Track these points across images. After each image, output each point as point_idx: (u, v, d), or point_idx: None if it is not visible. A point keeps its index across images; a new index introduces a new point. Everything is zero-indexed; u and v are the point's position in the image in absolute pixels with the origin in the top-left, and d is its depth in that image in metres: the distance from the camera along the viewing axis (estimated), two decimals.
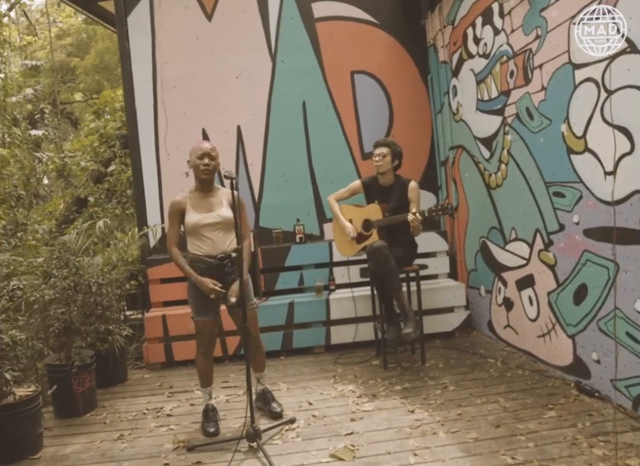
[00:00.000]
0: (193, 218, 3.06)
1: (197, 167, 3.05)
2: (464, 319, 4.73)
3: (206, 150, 3.06)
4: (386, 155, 3.96)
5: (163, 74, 5.02)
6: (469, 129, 4.60)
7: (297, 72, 5.13)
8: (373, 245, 3.80)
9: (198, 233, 3.08)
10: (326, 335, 4.58)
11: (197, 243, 3.10)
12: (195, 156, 3.07)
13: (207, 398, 3.28)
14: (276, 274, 4.81)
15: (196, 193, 3.15)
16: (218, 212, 3.09)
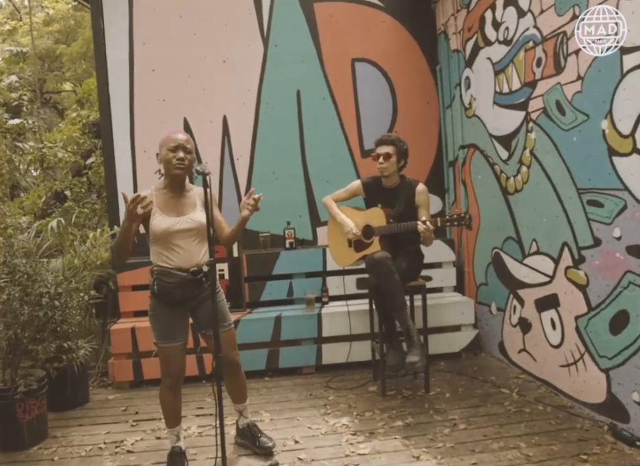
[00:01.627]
0: (162, 223, 2.53)
1: (169, 161, 2.53)
2: (472, 339, 4.22)
3: (180, 141, 2.54)
4: (391, 155, 3.44)
5: (141, 56, 4.47)
6: (483, 126, 4.08)
7: (292, 58, 4.60)
8: (374, 255, 3.27)
9: (167, 242, 2.55)
10: (317, 354, 4.06)
11: (164, 254, 2.57)
12: (166, 148, 2.54)
13: (173, 440, 2.74)
14: (262, 283, 4.29)
15: (165, 192, 2.62)
16: (192, 216, 2.58)
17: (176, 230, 2.54)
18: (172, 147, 2.53)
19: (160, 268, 2.57)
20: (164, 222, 2.53)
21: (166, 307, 2.59)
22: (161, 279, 2.56)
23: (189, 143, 2.58)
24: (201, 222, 2.56)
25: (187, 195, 2.64)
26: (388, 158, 3.43)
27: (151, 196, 2.59)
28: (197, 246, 2.59)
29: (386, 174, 3.47)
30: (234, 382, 2.83)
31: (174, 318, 2.60)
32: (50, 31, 14.82)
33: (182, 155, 2.51)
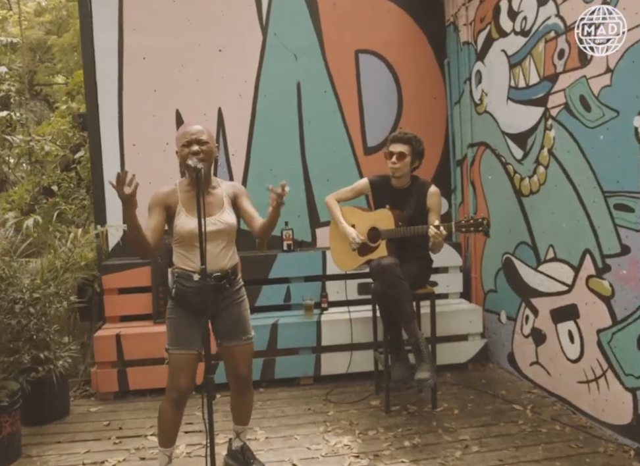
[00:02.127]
0: (187, 224, 2.30)
1: (185, 158, 2.29)
2: (480, 349, 3.97)
3: (192, 135, 2.30)
4: (406, 155, 3.18)
5: (131, 43, 4.18)
6: (495, 123, 3.83)
7: (292, 48, 4.33)
8: (381, 261, 3.02)
9: (192, 245, 2.32)
10: (316, 364, 3.80)
11: (187, 256, 2.35)
12: (180, 144, 2.32)
13: (164, 462, 2.45)
14: (257, 287, 4.02)
15: (189, 189, 2.38)
16: (220, 218, 2.36)
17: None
18: (185, 142, 2.30)
19: (182, 271, 2.36)
20: (190, 224, 2.29)
21: (185, 312, 2.36)
22: (181, 283, 2.34)
23: (203, 134, 2.33)
24: (230, 223, 2.38)
25: (214, 193, 2.41)
26: (402, 159, 3.17)
27: (175, 193, 2.37)
28: (223, 250, 2.37)
29: (398, 175, 3.22)
30: (240, 401, 2.60)
31: (192, 325, 2.34)
32: (41, 22, 14.45)
33: (196, 148, 2.27)
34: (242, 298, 2.49)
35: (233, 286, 2.43)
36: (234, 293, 2.44)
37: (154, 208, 2.33)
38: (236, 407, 2.61)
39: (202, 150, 2.28)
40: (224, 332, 2.44)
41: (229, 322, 2.42)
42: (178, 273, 2.37)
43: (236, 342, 2.43)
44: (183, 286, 2.34)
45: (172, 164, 3.00)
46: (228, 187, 2.47)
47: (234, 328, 2.43)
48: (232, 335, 2.43)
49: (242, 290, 2.50)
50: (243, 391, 2.55)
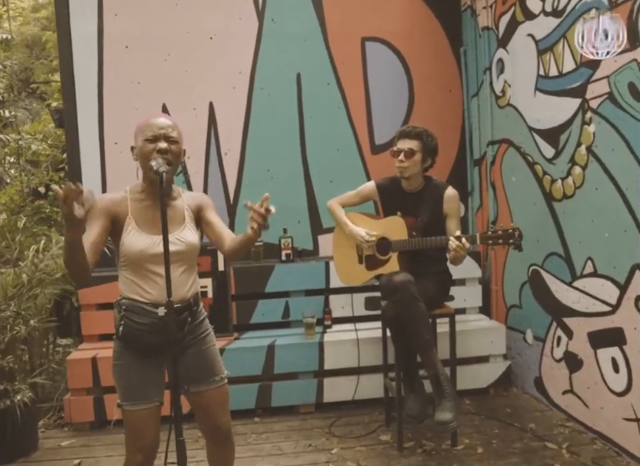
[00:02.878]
0: (136, 242, 1.83)
1: (147, 156, 1.80)
2: (502, 373, 3.53)
3: (160, 129, 1.81)
4: (415, 152, 2.76)
5: (112, 30, 3.75)
6: (521, 118, 3.39)
7: (292, 36, 3.89)
8: (392, 278, 2.59)
9: (142, 268, 1.85)
10: (318, 390, 3.37)
11: (138, 283, 1.86)
12: (142, 138, 1.82)
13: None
14: (253, 302, 3.60)
15: (143, 198, 1.90)
16: (179, 235, 1.88)
17: (156, 253, 1.81)
18: (150, 136, 1.80)
19: (131, 302, 1.86)
20: (140, 242, 1.82)
21: (137, 355, 1.88)
22: (130, 318, 1.85)
23: (175, 129, 1.85)
24: (192, 243, 1.90)
25: (174, 205, 1.93)
26: (410, 156, 2.74)
27: (125, 201, 1.89)
28: (183, 275, 1.89)
29: (407, 174, 2.79)
30: (219, 455, 2.10)
31: (148, 370, 1.88)
32: (37, 18, 14.05)
33: (164, 146, 1.79)
34: (207, 332, 2.02)
35: (195, 319, 1.96)
36: (197, 327, 1.97)
37: (96, 217, 1.82)
38: (214, 461, 2.12)
39: (171, 150, 1.81)
40: (191, 376, 1.94)
41: (195, 363, 1.95)
42: (126, 305, 1.86)
43: (206, 387, 1.96)
44: (133, 322, 1.84)
45: None
46: (190, 198, 1.99)
47: (202, 369, 1.97)
48: (201, 378, 1.95)
49: (206, 322, 2.04)
50: (221, 444, 2.06)
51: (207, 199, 2.05)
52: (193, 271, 1.96)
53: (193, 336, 1.95)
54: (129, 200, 1.89)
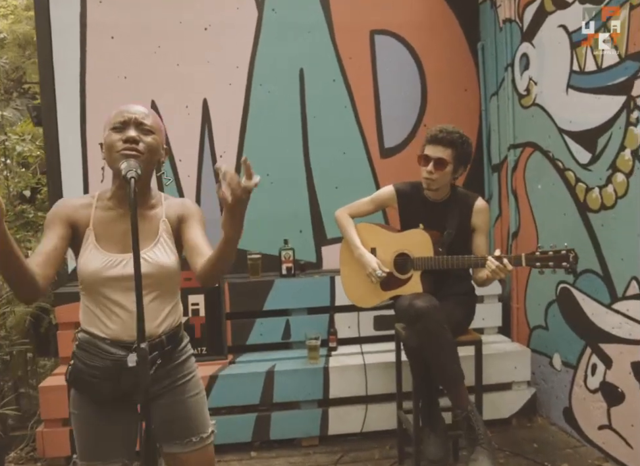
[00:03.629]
0: (92, 261, 1.46)
1: (111, 149, 1.44)
2: (527, 401, 3.19)
3: (131, 113, 1.46)
4: (447, 162, 2.40)
5: (96, 18, 3.39)
6: (549, 119, 3.05)
7: (295, 27, 3.54)
8: (415, 302, 2.24)
9: (98, 294, 1.48)
10: (322, 421, 3.01)
11: (96, 313, 1.49)
12: (110, 127, 1.47)
13: None
14: (249, 320, 3.24)
15: (111, 206, 1.54)
16: (146, 254, 1.49)
17: (113, 277, 1.46)
18: (118, 123, 1.44)
19: (87, 338, 1.49)
20: (96, 260, 1.46)
21: (95, 405, 1.51)
22: (80, 358, 1.48)
23: (149, 118, 1.49)
24: (162, 264, 1.50)
25: (149, 215, 1.56)
26: (440, 168, 2.39)
27: (89, 208, 1.52)
28: (152, 304, 1.50)
29: (434, 187, 2.45)
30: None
31: (108, 424, 1.51)
32: (29, 17, 13.69)
33: (133, 135, 1.43)
34: (189, 377, 1.61)
35: (172, 361, 1.57)
36: (174, 371, 1.58)
37: (53, 226, 1.48)
38: None
39: (142, 140, 1.44)
40: (163, 432, 1.57)
41: (169, 416, 1.56)
42: (81, 340, 1.50)
43: (181, 449, 1.56)
44: (82, 364, 1.47)
45: None
46: (172, 206, 1.60)
47: (178, 426, 1.57)
48: (176, 437, 1.57)
49: (189, 364, 1.63)
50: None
51: (191, 207, 1.63)
52: (168, 300, 1.55)
53: (170, 382, 1.57)
54: (94, 208, 1.52)
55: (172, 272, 1.53)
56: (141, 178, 1.37)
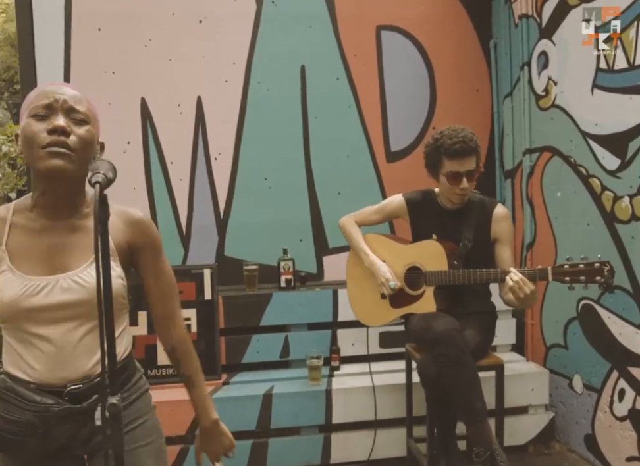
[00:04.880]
0: (8, 289, 1.17)
1: (32, 141, 1.13)
2: (544, 426, 2.95)
3: (59, 96, 1.16)
4: (475, 170, 2.19)
5: (82, 8, 3.14)
6: (571, 121, 2.83)
7: (296, 21, 3.31)
8: (433, 325, 2.01)
9: (18, 329, 1.19)
10: (324, 448, 2.76)
11: (18, 351, 1.20)
12: (30, 113, 1.17)
13: None
14: (245, 337, 2.99)
15: (33, 218, 1.23)
16: (77, 276, 1.20)
17: (36, 307, 1.16)
18: (43, 107, 1.15)
19: (10, 383, 1.20)
20: (13, 288, 1.16)
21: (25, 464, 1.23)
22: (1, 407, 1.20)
23: (82, 103, 1.19)
24: (92, 289, 1.13)
25: (81, 226, 1.25)
26: (473, 179, 2.19)
27: (3, 222, 1.21)
28: (86, 339, 1.21)
29: (466, 199, 2.22)
30: None
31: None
32: None
33: (60, 124, 1.13)
34: (140, 419, 1.31)
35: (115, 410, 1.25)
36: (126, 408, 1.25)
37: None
38: None
39: (75, 133, 1.15)
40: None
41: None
42: (2, 383, 1.21)
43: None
44: (4, 414, 1.19)
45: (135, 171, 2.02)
46: (117, 219, 1.27)
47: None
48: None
49: (142, 403, 1.33)
50: None
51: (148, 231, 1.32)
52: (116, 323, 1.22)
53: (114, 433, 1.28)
54: (8, 222, 1.21)
55: (116, 297, 1.19)
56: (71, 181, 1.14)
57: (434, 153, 2.19)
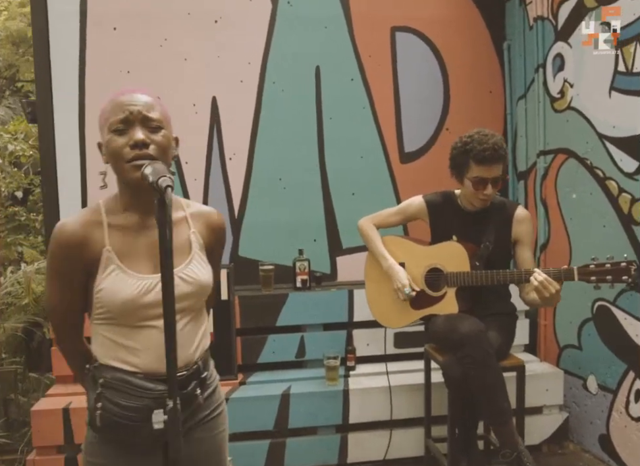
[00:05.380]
0: (122, 289, 1.22)
1: (118, 155, 1.19)
2: (559, 426, 2.97)
3: (132, 105, 1.20)
4: (501, 176, 2.20)
5: (98, 8, 3.14)
6: (587, 123, 2.84)
7: (311, 22, 3.31)
8: (459, 326, 2.03)
9: (129, 324, 1.24)
10: (341, 448, 2.78)
11: (122, 345, 1.25)
12: (110, 127, 1.21)
13: None
14: (261, 337, 3.00)
15: (125, 217, 1.29)
16: (184, 272, 1.27)
17: (150, 303, 1.23)
18: (120, 123, 1.19)
19: (112, 373, 1.24)
20: (127, 287, 1.22)
21: (122, 453, 1.26)
22: (111, 399, 1.22)
23: (155, 109, 1.23)
24: (202, 282, 1.30)
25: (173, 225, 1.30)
26: (498, 185, 2.20)
27: (98, 228, 1.26)
28: (188, 327, 1.29)
29: (488, 204, 2.23)
30: None
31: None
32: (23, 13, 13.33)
33: (140, 138, 1.18)
34: (219, 410, 1.40)
35: (205, 389, 1.34)
36: (208, 401, 1.35)
37: (61, 266, 1.25)
38: None
39: (153, 142, 1.20)
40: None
41: (196, 455, 1.32)
42: (106, 378, 1.23)
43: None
44: (117, 406, 1.22)
45: None
46: (201, 217, 1.38)
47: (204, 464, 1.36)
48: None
49: (218, 393, 1.42)
50: None
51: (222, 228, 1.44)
52: (201, 319, 1.35)
53: (199, 418, 1.34)
54: (105, 223, 1.26)
55: (209, 288, 1.35)
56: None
57: (462, 156, 2.20)
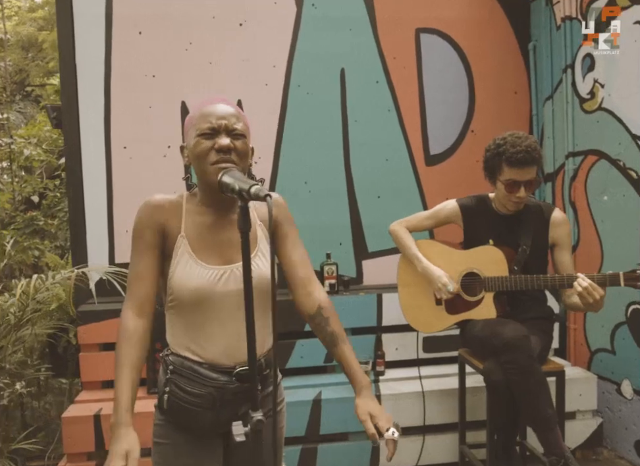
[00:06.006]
0: (194, 277, 1.28)
1: (204, 158, 1.27)
2: (593, 432, 2.93)
3: (221, 118, 1.28)
4: (536, 180, 2.17)
5: (123, 12, 3.13)
6: (620, 124, 2.81)
7: (336, 24, 3.29)
8: (502, 331, 1.99)
9: (200, 316, 1.29)
10: (373, 454, 2.75)
11: (196, 334, 1.30)
12: (196, 133, 1.29)
13: None
14: (289, 342, 2.97)
15: (202, 212, 1.35)
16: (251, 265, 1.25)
17: (219, 293, 1.28)
18: (207, 130, 1.26)
19: (182, 361, 1.29)
20: (199, 276, 1.28)
21: (189, 436, 1.32)
22: (180, 385, 1.28)
23: (240, 121, 1.30)
24: (266, 277, 1.31)
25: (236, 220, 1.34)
26: (532, 188, 2.17)
27: (178, 211, 1.33)
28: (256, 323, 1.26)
29: (522, 207, 2.20)
30: None
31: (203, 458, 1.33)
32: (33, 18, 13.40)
33: (225, 143, 1.25)
34: (282, 403, 1.48)
35: (266, 386, 1.38)
36: (268, 400, 1.38)
37: (144, 241, 1.31)
38: None
39: (235, 147, 1.27)
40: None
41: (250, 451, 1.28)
42: (175, 365, 1.30)
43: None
44: (181, 391, 1.28)
45: (176, 175, 2.01)
46: (263, 211, 1.41)
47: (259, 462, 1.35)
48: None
49: (282, 387, 1.50)
50: None
51: (282, 205, 1.47)
52: (267, 315, 1.36)
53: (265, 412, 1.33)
54: (184, 210, 1.33)
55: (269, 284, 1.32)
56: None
57: (495, 159, 2.16)
